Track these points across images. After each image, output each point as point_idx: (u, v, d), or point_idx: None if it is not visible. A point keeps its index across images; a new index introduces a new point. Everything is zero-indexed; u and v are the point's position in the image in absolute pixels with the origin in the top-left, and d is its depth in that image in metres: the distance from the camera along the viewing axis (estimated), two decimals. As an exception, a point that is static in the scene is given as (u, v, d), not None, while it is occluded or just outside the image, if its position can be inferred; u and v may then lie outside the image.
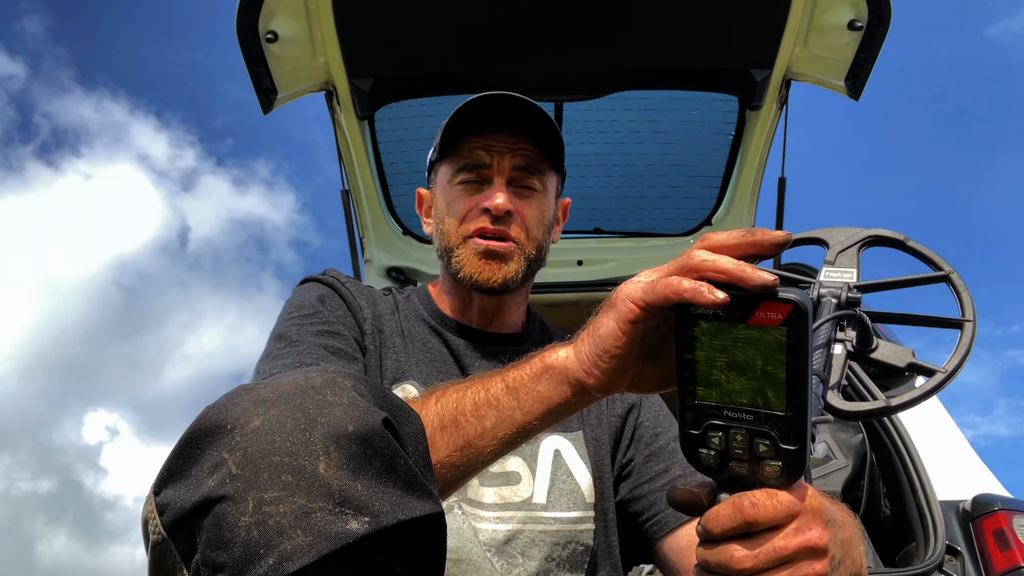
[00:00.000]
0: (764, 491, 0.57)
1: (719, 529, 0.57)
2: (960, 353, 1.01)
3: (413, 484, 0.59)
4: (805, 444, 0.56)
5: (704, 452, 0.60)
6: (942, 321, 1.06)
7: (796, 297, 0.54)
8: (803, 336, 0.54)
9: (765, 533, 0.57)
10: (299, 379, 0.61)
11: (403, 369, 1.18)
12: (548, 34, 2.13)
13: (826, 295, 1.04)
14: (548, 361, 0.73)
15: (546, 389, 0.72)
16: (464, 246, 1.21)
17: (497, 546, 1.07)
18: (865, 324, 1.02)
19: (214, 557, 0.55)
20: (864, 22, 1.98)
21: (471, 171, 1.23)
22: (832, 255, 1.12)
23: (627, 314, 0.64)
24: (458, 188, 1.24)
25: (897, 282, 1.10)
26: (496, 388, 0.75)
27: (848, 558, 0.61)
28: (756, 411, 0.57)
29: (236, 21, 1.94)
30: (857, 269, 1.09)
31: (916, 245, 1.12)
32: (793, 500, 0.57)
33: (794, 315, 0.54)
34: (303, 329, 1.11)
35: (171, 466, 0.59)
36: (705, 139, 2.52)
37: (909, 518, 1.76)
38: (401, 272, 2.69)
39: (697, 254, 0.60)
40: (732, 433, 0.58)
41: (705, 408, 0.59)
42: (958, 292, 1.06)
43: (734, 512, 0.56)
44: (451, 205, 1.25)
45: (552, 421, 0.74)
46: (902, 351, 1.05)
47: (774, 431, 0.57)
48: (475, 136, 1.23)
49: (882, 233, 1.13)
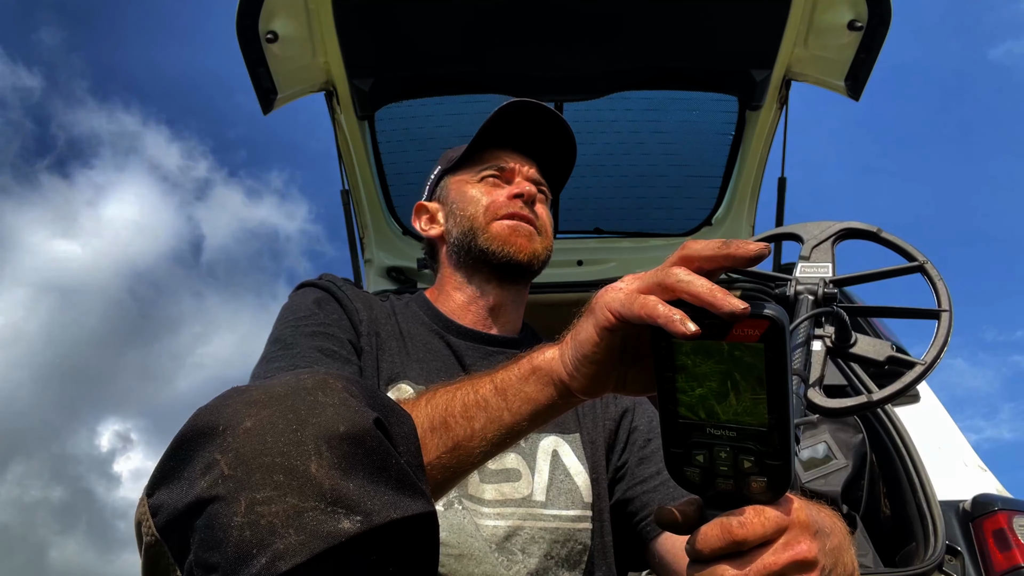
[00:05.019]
0: (751, 508, 0.57)
1: (708, 549, 0.57)
2: (938, 344, 1.00)
3: (405, 483, 0.59)
4: (790, 458, 0.56)
5: (689, 470, 0.59)
6: (918, 312, 1.05)
7: (772, 313, 0.53)
8: (781, 351, 0.54)
9: (754, 550, 0.56)
10: (290, 381, 0.61)
11: (399, 369, 1.18)
12: (548, 34, 2.13)
13: (803, 292, 1.03)
14: (535, 363, 0.73)
15: (533, 390, 0.72)
16: (492, 226, 1.28)
17: (498, 542, 1.07)
18: (843, 319, 1.01)
19: (207, 558, 0.55)
20: (864, 22, 1.97)
21: (496, 171, 1.33)
22: (807, 250, 1.11)
23: (603, 322, 0.64)
24: (482, 185, 1.33)
25: (872, 274, 1.09)
26: (485, 389, 0.75)
27: (839, 564, 0.61)
28: (738, 427, 0.56)
29: (236, 21, 1.94)
30: (832, 263, 1.08)
31: (889, 236, 1.11)
32: (780, 516, 0.57)
33: (771, 331, 0.53)
34: (298, 332, 1.11)
35: (163, 468, 0.60)
36: (705, 139, 2.52)
37: (909, 518, 1.76)
38: (401, 272, 2.69)
39: (674, 272, 0.59)
40: (716, 450, 0.57)
41: (687, 427, 0.58)
42: (933, 282, 1.05)
43: (722, 532, 0.56)
44: (478, 196, 1.31)
45: (540, 422, 0.74)
46: (881, 345, 1.04)
47: (758, 447, 0.56)
48: (497, 149, 1.35)
49: (855, 226, 1.12)
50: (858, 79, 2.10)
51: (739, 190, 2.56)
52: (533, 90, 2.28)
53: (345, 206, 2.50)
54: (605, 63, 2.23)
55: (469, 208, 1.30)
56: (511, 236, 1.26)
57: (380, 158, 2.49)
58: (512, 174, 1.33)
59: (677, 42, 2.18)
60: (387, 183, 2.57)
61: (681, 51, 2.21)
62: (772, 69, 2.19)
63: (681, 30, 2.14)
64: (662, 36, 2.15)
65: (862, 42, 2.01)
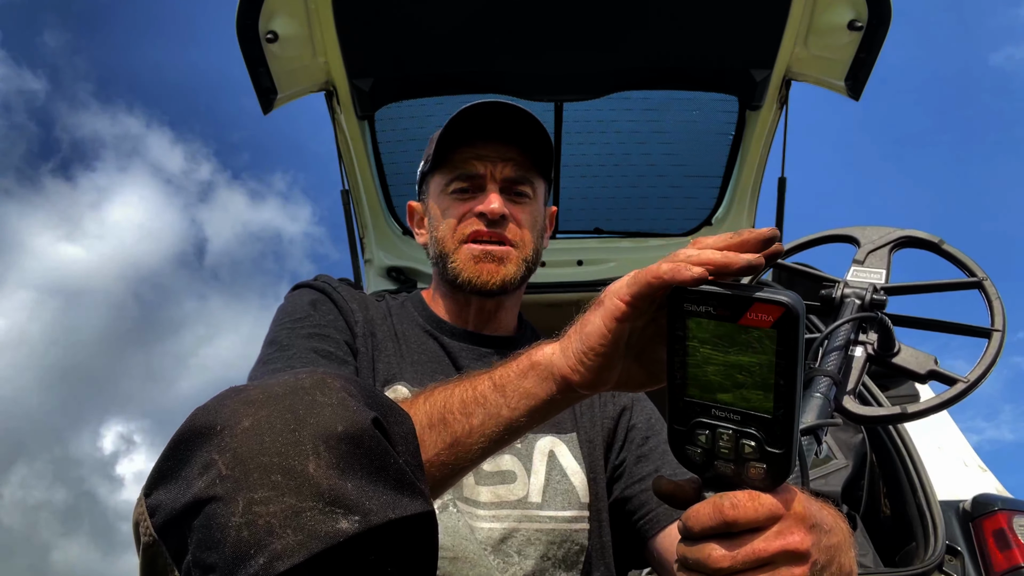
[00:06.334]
0: (746, 492, 0.57)
1: (698, 527, 0.57)
2: (985, 363, 0.97)
3: (403, 483, 0.59)
4: (791, 448, 0.56)
5: (691, 449, 0.60)
6: (970, 329, 1.02)
7: (787, 300, 0.53)
8: (793, 339, 0.54)
9: (745, 534, 0.57)
10: (288, 381, 0.61)
11: (395, 371, 1.18)
12: (548, 34, 2.12)
13: (850, 295, 1.02)
14: (535, 358, 0.73)
15: (532, 385, 0.72)
16: (459, 251, 1.23)
17: (493, 544, 1.07)
18: (887, 327, 1.00)
19: (204, 557, 0.55)
20: (864, 22, 1.97)
21: (464, 180, 1.26)
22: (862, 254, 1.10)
23: (614, 311, 0.64)
24: (451, 196, 1.27)
25: (926, 286, 1.07)
26: (483, 386, 0.75)
27: (834, 563, 0.61)
28: (743, 412, 0.57)
29: (236, 21, 1.94)
30: (887, 270, 1.06)
31: (951, 249, 1.08)
32: (775, 503, 0.57)
33: (784, 318, 0.53)
34: (294, 333, 1.11)
35: (161, 468, 0.59)
36: (705, 139, 2.52)
37: (909, 518, 1.76)
38: (401, 272, 2.69)
39: (683, 251, 0.60)
40: (719, 432, 0.58)
41: (693, 405, 0.59)
42: (990, 300, 1.02)
43: (714, 511, 0.57)
44: (445, 212, 1.27)
45: (539, 418, 0.74)
46: (924, 358, 1.02)
47: (760, 433, 0.56)
48: (466, 147, 1.25)
49: (916, 235, 1.10)
50: (858, 79, 2.10)
51: (739, 190, 2.55)
52: (533, 90, 2.28)
53: (345, 206, 2.50)
54: (605, 63, 2.23)
55: (439, 229, 1.27)
56: (477, 265, 1.21)
57: (380, 158, 2.49)
58: (483, 181, 1.25)
59: (677, 42, 2.17)
60: (387, 183, 2.57)
61: (681, 51, 2.21)
62: (772, 69, 2.19)
63: (681, 30, 2.13)
64: (662, 36, 2.15)
65: (862, 42, 2.00)
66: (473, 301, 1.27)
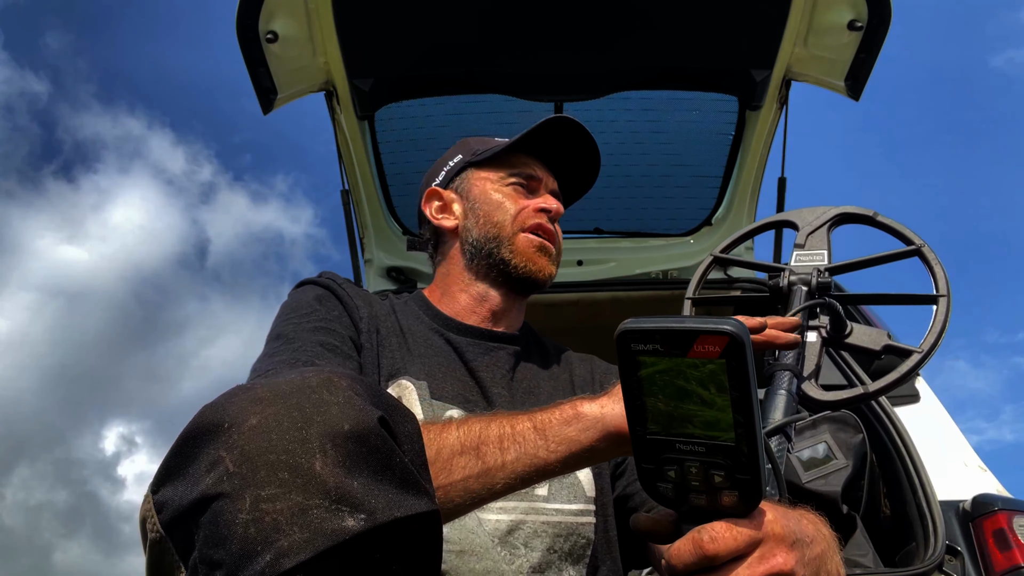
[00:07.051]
0: (723, 523, 0.57)
1: (681, 565, 0.57)
2: (936, 330, 0.97)
3: (409, 482, 0.59)
4: (759, 472, 0.56)
5: (662, 486, 0.60)
6: (915, 298, 1.03)
7: (731, 328, 0.53)
8: (743, 366, 0.54)
9: (729, 564, 0.57)
10: (295, 379, 0.61)
11: (399, 365, 1.18)
12: (548, 34, 2.13)
13: (796, 282, 1.02)
14: (581, 409, 0.78)
15: (576, 433, 0.77)
16: (518, 238, 1.28)
17: (500, 536, 1.07)
18: (837, 309, 0.99)
19: (211, 554, 0.55)
20: (864, 22, 1.98)
21: (525, 178, 1.33)
22: (802, 237, 1.10)
23: None
24: (510, 188, 1.32)
25: (868, 260, 1.07)
26: (522, 426, 0.79)
27: (822, 572, 0.61)
28: (707, 443, 0.57)
29: (236, 21, 1.94)
30: (828, 250, 1.06)
31: (886, 220, 1.08)
32: (753, 530, 0.57)
33: (731, 346, 0.53)
34: (299, 327, 1.11)
35: (169, 465, 0.60)
36: (705, 139, 2.52)
37: (909, 518, 1.76)
38: (401, 272, 2.69)
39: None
40: (687, 466, 0.58)
41: (657, 443, 0.59)
42: (930, 266, 1.02)
43: (694, 548, 0.57)
44: (505, 200, 1.31)
45: (574, 465, 0.78)
46: (877, 334, 1.02)
47: (727, 461, 0.56)
48: (525, 155, 1.35)
49: (850, 210, 1.10)
50: (858, 79, 2.10)
51: (739, 190, 2.56)
52: (533, 90, 2.28)
53: (345, 206, 2.50)
54: (605, 63, 2.23)
55: (496, 214, 1.30)
56: (535, 255, 1.28)
57: (380, 158, 2.49)
58: (539, 185, 1.34)
59: (677, 42, 2.18)
60: (387, 183, 2.57)
61: (681, 51, 2.21)
62: (772, 69, 2.20)
63: (681, 30, 2.14)
64: (662, 36, 2.15)
65: (862, 42, 2.01)
66: (495, 295, 1.30)
